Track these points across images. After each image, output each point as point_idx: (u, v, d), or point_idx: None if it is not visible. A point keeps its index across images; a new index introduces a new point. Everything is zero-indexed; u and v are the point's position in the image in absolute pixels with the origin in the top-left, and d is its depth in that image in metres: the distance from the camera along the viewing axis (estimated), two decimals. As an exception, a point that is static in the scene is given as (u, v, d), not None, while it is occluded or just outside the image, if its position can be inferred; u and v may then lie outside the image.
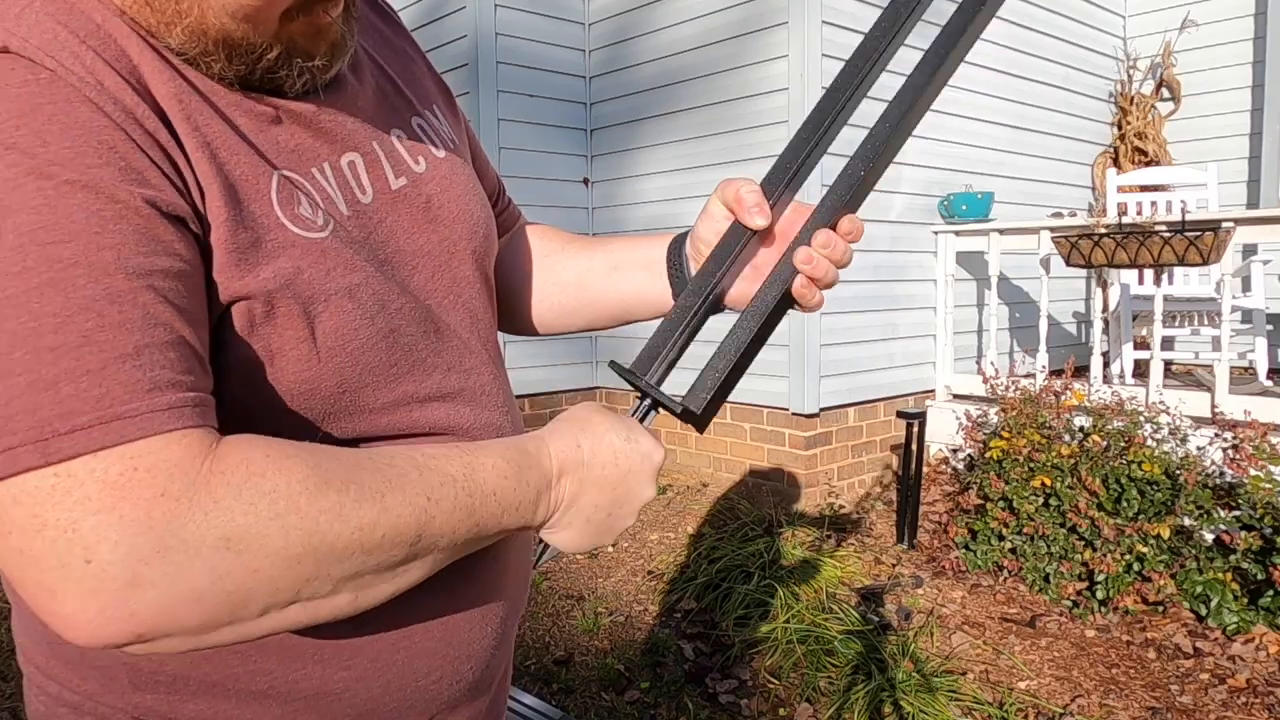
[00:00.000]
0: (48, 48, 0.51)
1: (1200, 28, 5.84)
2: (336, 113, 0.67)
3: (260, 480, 0.50)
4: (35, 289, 0.47)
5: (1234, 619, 3.01)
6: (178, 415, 0.49)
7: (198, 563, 0.47)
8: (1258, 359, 4.33)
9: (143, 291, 0.49)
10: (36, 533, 0.45)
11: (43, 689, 0.68)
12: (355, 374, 0.63)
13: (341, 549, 0.52)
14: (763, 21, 4.38)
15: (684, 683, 2.84)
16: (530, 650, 3.06)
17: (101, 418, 0.46)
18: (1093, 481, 3.30)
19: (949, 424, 4.31)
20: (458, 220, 0.75)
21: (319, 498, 0.52)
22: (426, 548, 0.58)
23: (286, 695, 0.65)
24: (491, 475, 0.62)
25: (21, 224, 0.47)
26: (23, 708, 2.78)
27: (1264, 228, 3.87)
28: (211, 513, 0.48)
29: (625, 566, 3.76)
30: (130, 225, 0.50)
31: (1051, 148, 5.64)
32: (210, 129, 0.58)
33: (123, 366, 0.48)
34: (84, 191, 0.49)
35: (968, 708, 2.62)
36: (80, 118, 0.50)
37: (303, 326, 0.60)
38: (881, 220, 4.59)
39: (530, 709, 2.49)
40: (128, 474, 0.46)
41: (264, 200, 0.59)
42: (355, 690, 0.67)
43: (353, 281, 0.63)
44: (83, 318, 0.47)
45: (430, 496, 0.57)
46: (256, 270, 0.57)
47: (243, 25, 0.57)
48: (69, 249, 0.48)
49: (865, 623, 3.08)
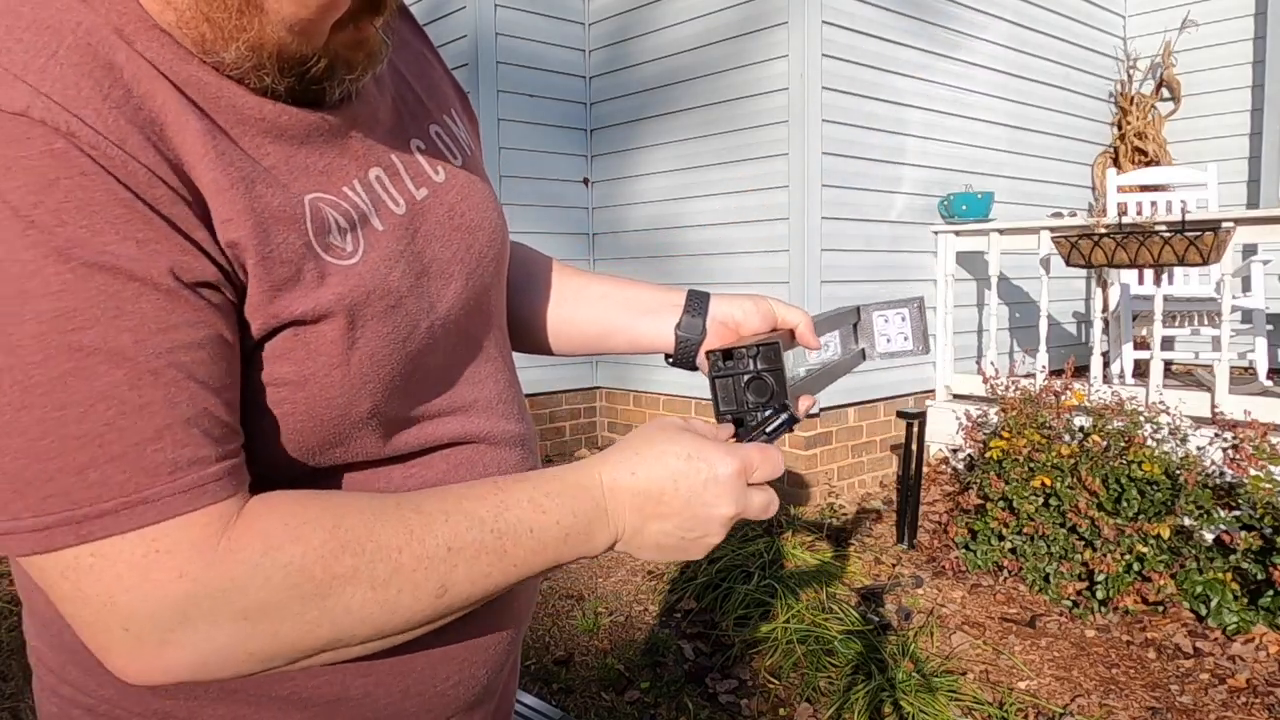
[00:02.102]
0: (70, 104, 0.50)
1: (1200, 28, 5.84)
2: (360, 125, 0.67)
3: (277, 554, 0.53)
4: (59, 378, 0.49)
5: (1234, 619, 3.01)
6: (199, 495, 0.52)
7: (218, 631, 0.52)
8: (1258, 359, 4.33)
9: (163, 371, 0.51)
10: (83, 603, 0.51)
11: (55, 691, 0.68)
12: (385, 397, 0.64)
13: (358, 611, 0.55)
14: (763, 21, 4.38)
15: (684, 683, 2.84)
16: (530, 650, 3.06)
17: (126, 503, 0.50)
18: (1093, 481, 3.30)
19: (949, 424, 4.31)
20: (479, 228, 0.75)
21: (335, 564, 0.54)
22: (456, 597, 0.59)
23: (306, 701, 0.66)
24: (528, 511, 0.61)
25: (43, 310, 0.48)
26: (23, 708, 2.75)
27: (1264, 228, 3.87)
28: (229, 590, 0.52)
29: (625, 566, 3.77)
30: (149, 304, 0.51)
31: (1051, 148, 5.64)
32: (242, 166, 0.57)
33: (144, 451, 0.50)
34: (102, 274, 0.49)
35: (968, 708, 2.62)
36: (97, 193, 0.50)
37: (338, 353, 0.60)
38: (881, 220, 4.59)
39: (530, 709, 2.49)
40: (150, 556, 0.51)
41: (300, 231, 0.59)
42: (374, 696, 0.68)
43: (386, 305, 0.63)
44: (104, 405, 0.49)
45: (452, 546, 0.58)
46: (294, 303, 0.58)
47: (297, 38, 0.57)
48: (89, 335, 0.49)
49: (865, 623, 3.08)
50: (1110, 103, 6.15)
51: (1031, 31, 5.40)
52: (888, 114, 4.55)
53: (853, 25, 4.33)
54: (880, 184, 4.56)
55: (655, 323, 0.90)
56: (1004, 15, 5.19)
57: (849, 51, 4.33)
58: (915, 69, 4.67)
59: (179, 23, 0.56)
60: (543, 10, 5.08)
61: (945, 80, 4.85)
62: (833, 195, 4.31)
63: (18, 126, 0.49)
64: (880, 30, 4.48)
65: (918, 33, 4.68)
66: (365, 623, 0.56)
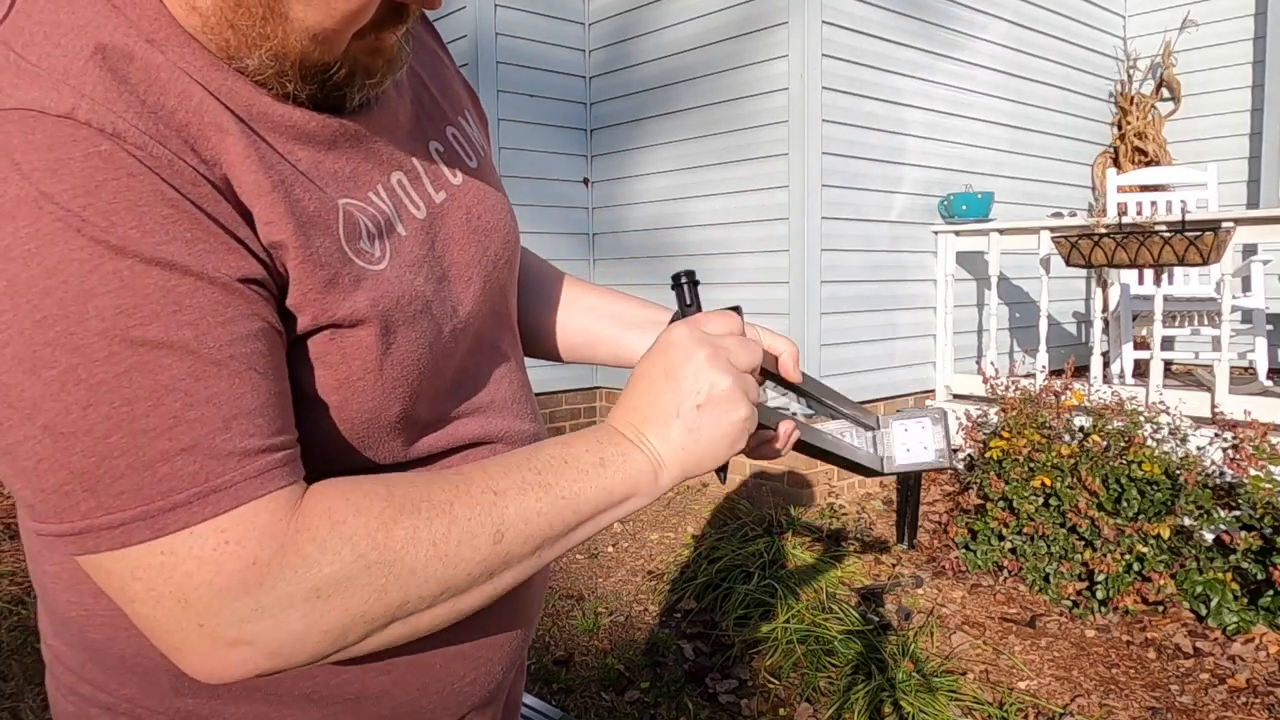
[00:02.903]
0: (113, 107, 0.50)
1: (1200, 28, 5.84)
2: (382, 130, 0.67)
3: (342, 527, 0.54)
4: (124, 374, 0.49)
5: (1234, 619, 3.01)
6: (269, 479, 0.53)
7: (293, 613, 0.53)
8: (1258, 359, 4.33)
9: (226, 363, 0.52)
10: (156, 603, 0.52)
11: (73, 689, 0.68)
12: (413, 401, 0.65)
13: (422, 569, 0.56)
14: (763, 21, 4.38)
15: (684, 683, 2.84)
16: (530, 650, 3.06)
17: (199, 492, 0.51)
18: (1093, 481, 3.30)
19: (949, 424, 4.30)
20: (494, 230, 0.75)
21: (395, 527, 0.55)
22: (514, 540, 0.59)
23: (328, 699, 0.66)
24: (557, 448, 0.63)
25: (104, 308, 0.49)
26: (23, 708, 2.75)
27: (1264, 228, 3.87)
28: (300, 569, 0.53)
29: (625, 566, 3.77)
30: (205, 297, 0.51)
31: (1051, 148, 5.64)
32: (283, 170, 0.58)
33: (214, 441, 0.51)
34: (157, 269, 0.50)
35: (968, 708, 2.62)
36: (144, 192, 0.50)
37: (373, 358, 0.61)
38: (881, 220, 4.59)
39: (530, 709, 2.49)
40: (220, 548, 0.51)
41: (333, 235, 0.60)
42: (393, 694, 0.68)
43: (415, 310, 0.64)
44: (171, 399, 0.50)
45: (495, 489, 0.59)
46: (333, 307, 0.58)
47: (319, 46, 0.58)
48: (151, 330, 0.49)
49: (865, 623, 3.08)
50: (1110, 103, 6.15)
51: (1031, 31, 5.40)
52: (888, 114, 4.55)
53: (853, 25, 4.34)
54: (880, 184, 4.56)
55: (640, 338, 0.91)
56: (1004, 15, 5.19)
57: (849, 51, 4.33)
58: (915, 69, 4.67)
59: (203, 28, 0.56)
60: (543, 10, 5.08)
61: (945, 80, 4.85)
62: (833, 195, 4.31)
63: (63, 128, 0.49)
64: (880, 30, 4.48)
65: (918, 33, 4.68)
66: (431, 581, 0.56)
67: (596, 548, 3.94)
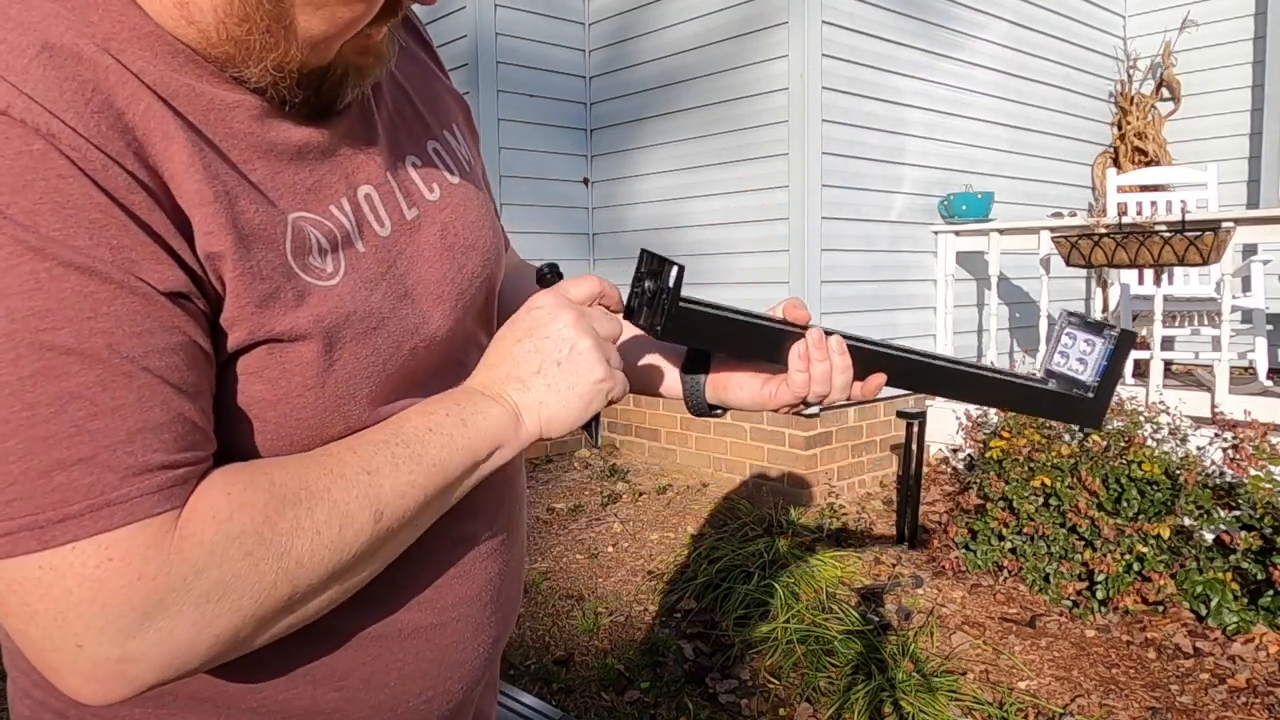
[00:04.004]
0: (52, 106, 0.49)
1: (1200, 28, 5.84)
2: (354, 142, 0.66)
3: (227, 525, 0.52)
4: (29, 377, 0.47)
5: (1234, 619, 3.01)
6: (167, 496, 0.51)
7: (182, 622, 0.51)
8: (1258, 359, 4.33)
9: (137, 374, 0.50)
10: (30, 619, 0.49)
11: (28, 694, 0.67)
12: (361, 419, 0.63)
13: (309, 560, 0.55)
14: (763, 21, 4.38)
15: (684, 683, 2.84)
16: (530, 650, 3.06)
17: (92, 505, 0.48)
18: (1093, 481, 3.30)
19: (949, 424, 4.31)
20: (471, 248, 0.74)
21: (279, 520, 0.54)
22: (394, 515, 0.59)
23: (278, 713, 0.65)
24: (419, 418, 0.63)
25: (15, 309, 0.47)
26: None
27: (1264, 228, 3.87)
28: (188, 577, 0.51)
29: (625, 566, 3.76)
30: (124, 306, 0.50)
31: (1051, 148, 5.64)
32: (227, 181, 0.57)
33: (115, 454, 0.49)
34: (77, 274, 0.48)
35: (968, 708, 2.62)
36: (74, 195, 0.49)
37: (313, 374, 0.60)
38: (881, 220, 4.59)
39: (530, 709, 2.49)
40: (104, 566, 0.49)
41: (278, 250, 0.59)
42: (346, 711, 0.67)
43: (366, 327, 0.63)
44: (75, 406, 0.48)
45: (367, 469, 0.59)
46: (272, 321, 0.57)
47: (316, 52, 0.58)
48: (62, 335, 0.48)
49: (865, 623, 3.08)
50: (1110, 103, 6.15)
51: (1031, 31, 5.40)
52: (888, 114, 4.55)
53: (853, 25, 4.33)
54: (880, 184, 4.56)
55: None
56: (1004, 15, 5.19)
57: (849, 51, 4.33)
58: (915, 69, 4.67)
59: (201, 40, 0.55)
60: (543, 10, 5.08)
61: (945, 80, 4.85)
62: (833, 195, 4.31)
63: None
64: (880, 30, 4.48)
65: (918, 33, 4.68)
66: (318, 569, 0.56)
67: (596, 548, 3.94)
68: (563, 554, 3.88)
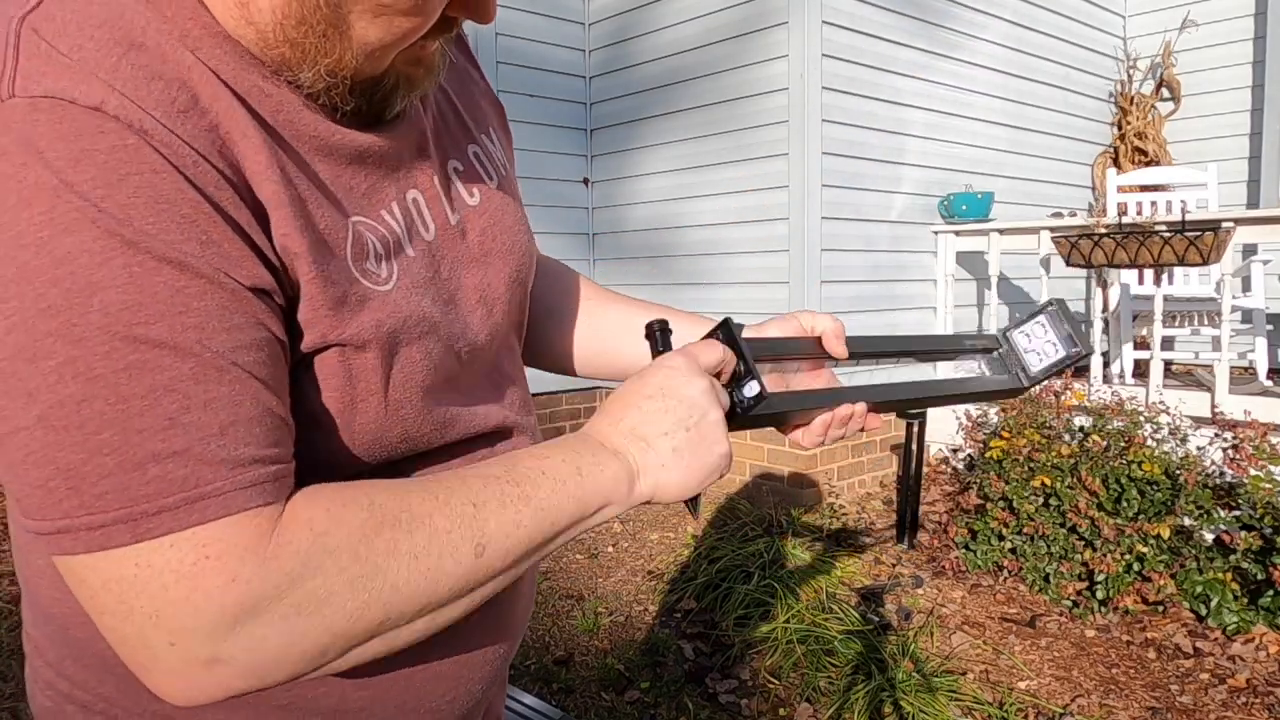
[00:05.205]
0: (142, 102, 0.50)
1: (1200, 28, 5.84)
2: (404, 147, 0.67)
3: (325, 539, 0.52)
4: (123, 370, 0.48)
5: (1234, 619, 3.01)
6: (259, 491, 0.51)
7: (272, 632, 0.50)
8: (1258, 359, 4.33)
9: (228, 369, 0.50)
10: (125, 617, 0.49)
11: (51, 685, 0.67)
12: (417, 424, 0.64)
13: (404, 586, 0.54)
14: (763, 21, 4.38)
15: (684, 683, 2.84)
16: (530, 650, 3.06)
17: (187, 498, 0.49)
18: (1093, 481, 3.30)
19: (949, 424, 4.31)
20: (509, 253, 0.75)
21: (377, 540, 0.54)
22: (495, 553, 0.58)
23: (306, 710, 0.65)
24: (533, 460, 0.62)
25: (109, 302, 0.48)
26: (23, 708, 2.74)
27: (1264, 228, 3.87)
28: (282, 586, 0.50)
29: (625, 566, 3.77)
30: (214, 301, 0.50)
31: (1051, 148, 5.64)
32: (301, 183, 0.57)
33: (208, 446, 0.49)
34: (168, 268, 0.49)
35: (968, 708, 2.62)
36: (166, 190, 0.50)
37: (377, 380, 0.60)
38: (882, 220, 4.59)
39: (530, 709, 2.49)
40: (200, 564, 0.49)
41: (341, 254, 0.59)
42: (371, 709, 0.68)
43: (420, 332, 0.63)
44: (168, 399, 0.48)
45: (474, 501, 0.58)
46: (341, 326, 0.58)
47: (370, 61, 0.58)
48: (155, 329, 0.48)
49: (865, 623, 3.08)
50: (1110, 103, 6.15)
51: (1031, 31, 5.40)
52: (888, 114, 4.55)
53: (853, 25, 4.33)
54: (880, 184, 4.56)
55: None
56: (1004, 15, 5.19)
57: (849, 51, 4.33)
58: (915, 69, 4.67)
59: (259, 41, 0.56)
60: (543, 10, 5.08)
61: (945, 80, 4.85)
62: (833, 195, 4.31)
63: (92, 120, 0.49)
64: (880, 30, 4.48)
65: (918, 33, 4.68)
66: (413, 598, 0.55)
67: (597, 548, 3.94)
68: (563, 554, 3.88)
